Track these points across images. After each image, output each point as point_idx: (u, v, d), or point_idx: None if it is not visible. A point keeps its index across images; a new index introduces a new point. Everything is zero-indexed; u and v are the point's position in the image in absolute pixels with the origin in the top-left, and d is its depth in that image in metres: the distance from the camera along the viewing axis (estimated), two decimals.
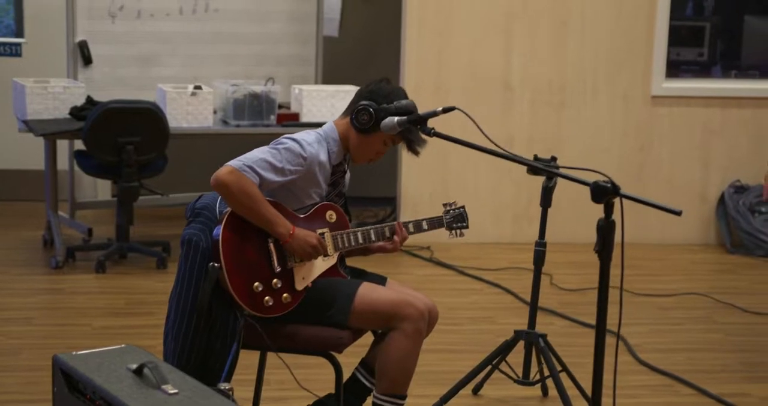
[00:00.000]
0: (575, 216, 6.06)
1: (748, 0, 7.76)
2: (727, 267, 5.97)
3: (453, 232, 3.43)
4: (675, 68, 6.70)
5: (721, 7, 7.62)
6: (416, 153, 3.15)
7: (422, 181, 6.24)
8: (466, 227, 3.46)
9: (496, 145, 2.76)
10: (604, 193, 2.55)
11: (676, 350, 4.58)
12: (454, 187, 6.19)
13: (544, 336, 3.73)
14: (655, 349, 4.56)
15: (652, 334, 4.79)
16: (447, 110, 2.89)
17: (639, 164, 6.31)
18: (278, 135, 3.21)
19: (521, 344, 3.79)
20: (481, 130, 2.81)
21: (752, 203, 6.27)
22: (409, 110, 3.03)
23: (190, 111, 5.70)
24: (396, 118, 2.94)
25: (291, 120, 5.83)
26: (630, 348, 4.48)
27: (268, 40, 6.42)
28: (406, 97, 3.15)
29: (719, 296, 5.29)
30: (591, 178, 2.62)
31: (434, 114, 2.91)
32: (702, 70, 7.16)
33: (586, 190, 3.03)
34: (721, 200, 6.35)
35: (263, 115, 5.78)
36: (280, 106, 5.94)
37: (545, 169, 2.97)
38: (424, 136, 3.05)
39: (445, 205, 3.46)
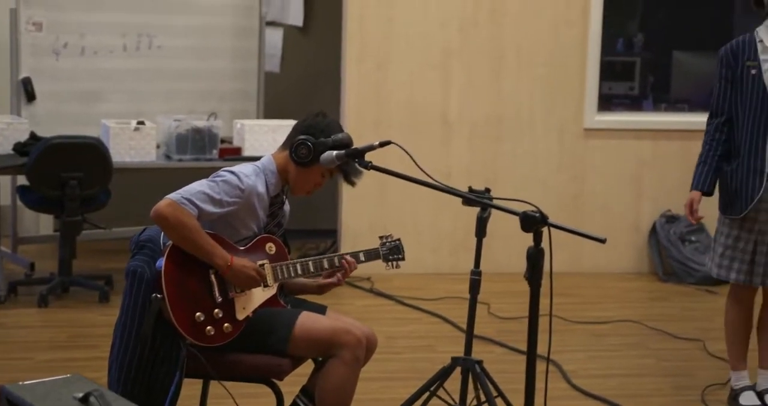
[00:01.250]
0: (512, 246, 6.19)
1: (676, 36, 8.02)
2: (660, 295, 6.14)
3: (389, 264, 3.54)
4: (607, 102, 6.90)
5: (651, 42, 7.87)
6: (353, 184, 3.26)
7: (362, 213, 6.35)
8: (402, 259, 3.58)
9: (430, 177, 2.88)
10: (533, 222, 2.68)
11: (610, 376, 4.71)
12: (394, 219, 6.31)
13: (480, 362, 3.82)
14: (589, 375, 4.69)
15: (587, 360, 4.92)
16: (383, 144, 3.01)
17: (574, 195, 6.48)
18: (220, 169, 3.30)
19: (458, 370, 3.88)
20: (416, 163, 2.93)
21: (683, 232, 6.47)
22: (346, 143, 3.16)
23: (133, 146, 5.76)
24: (335, 153, 3.05)
25: (233, 154, 5.92)
26: (565, 374, 4.61)
27: (210, 76, 6.51)
28: (342, 130, 3.27)
29: (652, 322, 5.45)
30: (523, 208, 2.74)
31: (371, 148, 3.03)
32: (633, 104, 7.38)
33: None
34: (653, 230, 6.54)
35: (206, 150, 5.86)
36: (222, 141, 6.03)
37: (477, 200, 3.09)
38: (360, 168, 3.16)
39: (381, 237, 3.57)
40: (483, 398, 3.80)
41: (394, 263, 3.54)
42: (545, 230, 2.72)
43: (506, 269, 6.26)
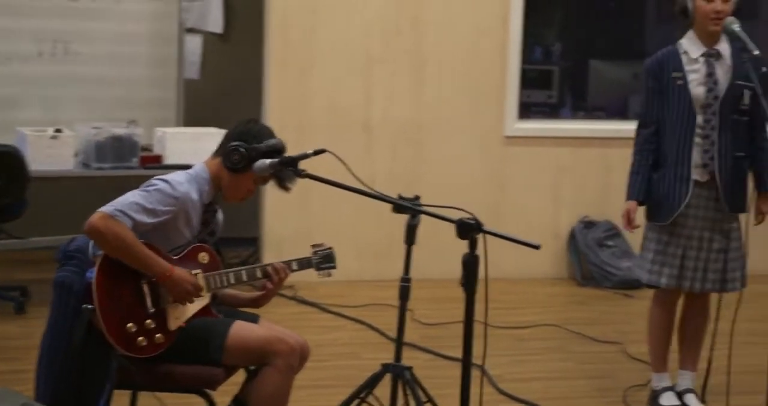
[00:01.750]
0: (433, 253, 6.25)
1: (592, 45, 8.18)
2: (579, 299, 6.24)
3: (321, 272, 3.54)
4: (527, 110, 7.00)
5: (568, 51, 8.02)
6: (287, 190, 3.25)
7: (285, 221, 6.33)
8: (334, 267, 3.59)
9: (365, 185, 2.89)
10: (469, 229, 2.71)
11: (534, 379, 4.78)
12: (317, 227, 6.31)
13: (410, 369, 3.85)
14: (514, 379, 4.75)
15: (511, 364, 4.98)
16: (318, 152, 3.01)
17: (495, 202, 6.56)
18: (141, 177, 3.28)
19: (388, 377, 3.90)
20: (351, 172, 2.94)
21: (600, 237, 6.59)
22: (279, 149, 3.17)
23: (50, 154, 5.65)
24: (268, 161, 3.04)
25: (154, 162, 5.85)
26: (491, 379, 4.66)
27: (129, 83, 6.42)
28: (274, 136, 3.27)
29: (572, 326, 5.54)
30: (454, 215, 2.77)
31: (305, 156, 3.03)
32: (552, 112, 7.50)
33: (443, 228, 3.15)
34: (572, 235, 6.65)
35: (126, 158, 5.78)
36: (142, 149, 5.95)
37: (413, 209, 3.10)
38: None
39: (313, 246, 3.57)
40: (413, 404, 3.83)
41: (326, 271, 3.54)
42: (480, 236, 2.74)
43: (428, 276, 6.30)
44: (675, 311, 4.29)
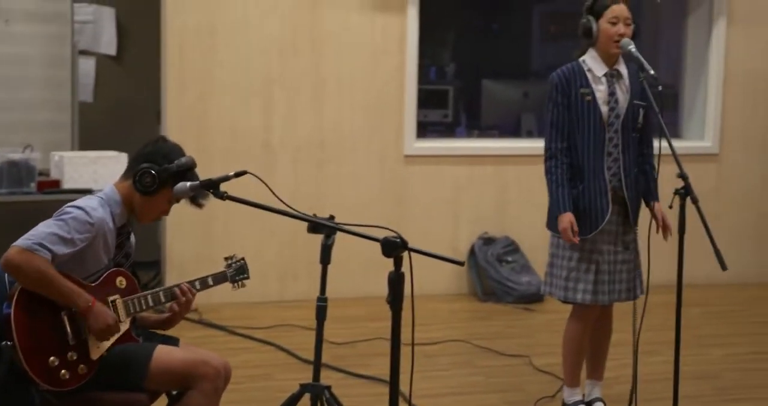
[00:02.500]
0: (340, 272, 6.28)
1: (485, 65, 8.36)
2: (482, 314, 6.34)
3: (236, 284, 3.53)
4: (424, 129, 7.10)
5: (461, 72, 8.18)
6: (201, 207, 3.25)
7: (187, 243, 6.28)
8: (248, 277, 3.58)
9: (288, 205, 2.92)
10: (394, 247, 2.75)
11: (443, 395, 4.83)
12: (220, 248, 6.19)
13: (329, 388, 3.87)
14: (424, 394, 4.78)
15: (420, 380, 4.97)
16: (239, 174, 3.02)
17: (396, 220, 6.61)
18: (39, 203, 3.22)
19: (307, 397, 3.90)
20: (273, 193, 2.98)
21: (499, 253, 6.71)
22: (190, 167, 3.18)
23: None
24: (189, 184, 3.03)
25: (52, 187, 5.72)
26: (402, 395, 4.69)
27: (21, 106, 6.27)
28: (184, 154, 3.25)
29: (478, 341, 5.63)
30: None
31: (226, 178, 3.03)
32: (448, 131, 7.63)
33: (351, 247, 3.20)
34: (472, 251, 6.76)
35: (23, 183, 5.63)
36: (39, 174, 5.83)
37: (334, 228, 3.13)
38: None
39: (226, 259, 3.56)
40: None
41: (240, 282, 3.54)
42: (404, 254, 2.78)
43: (336, 295, 6.31)
44: (591, 325, 4.34)
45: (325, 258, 3.88)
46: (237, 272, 3.50)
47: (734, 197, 7.21)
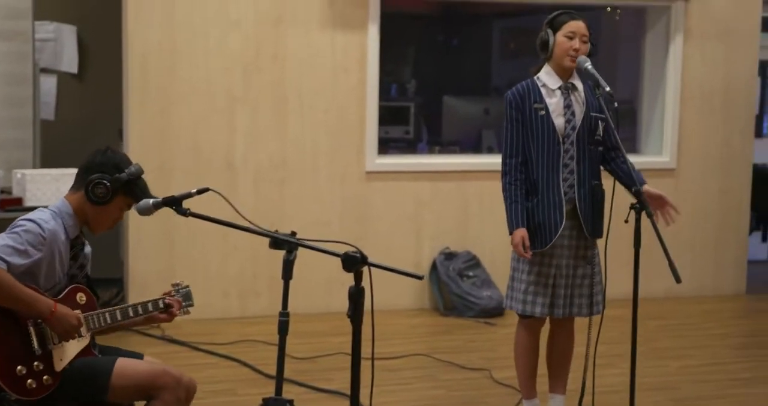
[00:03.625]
0: (301, 287, 6.33)
1: (445, 82, 8.45)
2: (443, 329, 6.40)
3: (181, 310, 3.58)
4: (385, 145, 7.16)
5: (422, 88, 8.26)
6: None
7: (149, 261, 6.29)
8: (192, 305, 3.64)
9: (251, 223, 2.96)
10: (354, 262, 2.80)
11: None
12: (182, 266, 6.29)
13: (291, 402, 3.90)
14: None
15: (382, 394, 5.05)
16: (201, 192, 3.06)
17: (358, 236, 6.67)
18: (2, 221, 3.25)
19: None
20: (236, 209, 3.01)
21: (461, 268, 6.78)
22: (139, 174, 3.24)
23: None
24: (151, 201, 3.07)
25: (14, 205, 5.73)
26: None
27: None
28: (131, 162, 3.30)
29: (439, 355, 5.68)
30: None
31: (189, 195, 3.07)
32: (409, 147, 7.69)
33: (314, 263, 3.23)
34: (434, 267, 6.82)
35: None
36: (2, 191, 5.83)
37: (296, 244, 3.17)
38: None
39: (173, 285, 3.60)
40: None
41: (185, 309, 3.59)
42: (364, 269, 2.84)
43: (299, 310, 6.35)
44: (539, 336, 4.43)
45: (287, 274, 3.89)
46: (183, 298, 3.55)
47: (692, 212, 7.32)
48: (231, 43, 6.36)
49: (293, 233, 3.78)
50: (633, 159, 7.08)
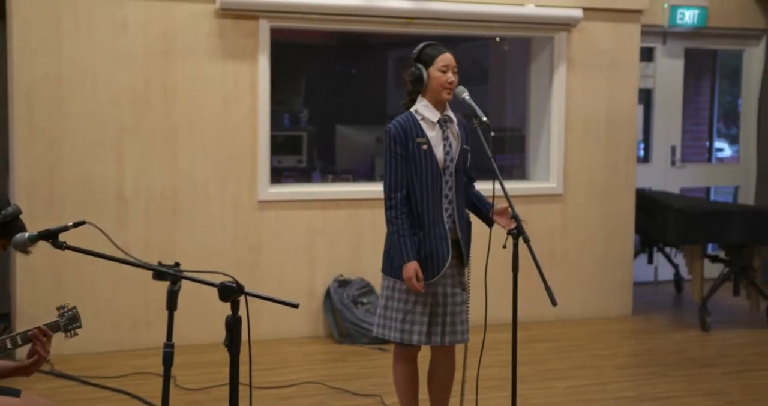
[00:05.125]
0: (194, 318, 6.33)
1: (338, 111, 8.53)
2: (337, 355, 6.44)
3: (69, 333, 3.55)
4: (279, 174, 7.19)
5: (315, 118, 8.32)
6: (28, 253, 3.27)
7: (38, 294, 6.20)
8: (80, 326, 3.59)
9: (127, 254, 2.97)
10: (231, 292, 2.84)
11: None
12: (71, 298, 6.20)
13: None
14: None
15: None
16: (78, 225, 3.05)
17: (251, 265, 6.70)
18: None
19: None
20: (112, 241, 3.01)
21: (354, 295, 6.84)
22: (16, 215, 3.23)
23: None
24: (27, 234, 3.06)
25: None
26: None
27: None
28: (9, 203, 3.29)
29: (332, 382, 5.73)
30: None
31: (65, 228, 3.06)
32: (302, 176, 7.74)
33: (202, 294, 3.24)
34: (328, 294, 6.87)
35: None
36: None
37: (175, 275, 3.19)
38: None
39: (58, 308, 3.56)
40: None
41: (73, 331, 3.55)
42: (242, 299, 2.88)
43: (188, 341, 6.36)
44: (417, 364, 4.48)
45: (171, 304, 3.91)
46: (70, 321, 3.52)
47: (578, 236, 7.53)
48: (119, 76, 6.34)
49: (177, 264, 3.81)
50: (522, 185, 7.39)
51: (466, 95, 4.28)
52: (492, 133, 4.25)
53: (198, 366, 5.96)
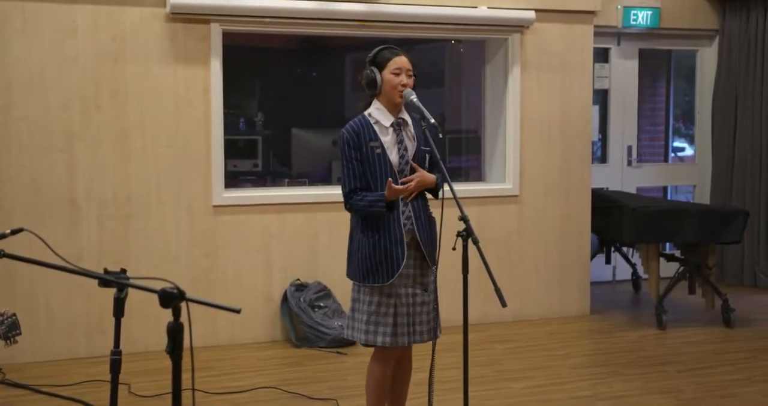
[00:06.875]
0: (149, 325, 6.27)
1: (294, 115, 8.50)
2: (294, 360, 6.41)
3: (8, 341, 3.50)
4: (234, 179, 7.14)
5: (270, 121, 8.28)
6: None
7: None
8: (20, 333, 3.55)
9: (66, 261, 2.93)
10: (171, 298, 2.80)
11: None
12: (25, 306, 6.15)
13: None
14: None
15: None
16: (15, 232, 3.01)
17: (207, 270, 6.65)
18: None
19: None
20: (51, 248, 2.97)
21: (312, 299, 6.81)
22: None
23: None
24: None
25: None
26: None
27: None
28: None
29: (288, 386, 5.69)
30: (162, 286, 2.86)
31: (2, 236, 3.02)
32: (258, 180, 7.70)
33: (154, 300, 3.18)
34: (285, 298, 6.83)
35: None
36: None
37: (115, 282, 3.16)
38: None
39: None
40: None
41: (13, 339, 3.51)
42: (184, 305, 2.84)
43: (144, 348, 6.30)
44: (393, 366, 4.47)
45: (118, 311, 3.87)
46: (9, 329, 3.48)
47: (535, 237, 7.54)
48: (68, 80, 6.27)
49: (123, 271, 3.77)
50: (479, 187, 7.39)
51: (413, 97, 4.26)
52: (440, 135, 4.24)
53: (153, 373, 5.90)
